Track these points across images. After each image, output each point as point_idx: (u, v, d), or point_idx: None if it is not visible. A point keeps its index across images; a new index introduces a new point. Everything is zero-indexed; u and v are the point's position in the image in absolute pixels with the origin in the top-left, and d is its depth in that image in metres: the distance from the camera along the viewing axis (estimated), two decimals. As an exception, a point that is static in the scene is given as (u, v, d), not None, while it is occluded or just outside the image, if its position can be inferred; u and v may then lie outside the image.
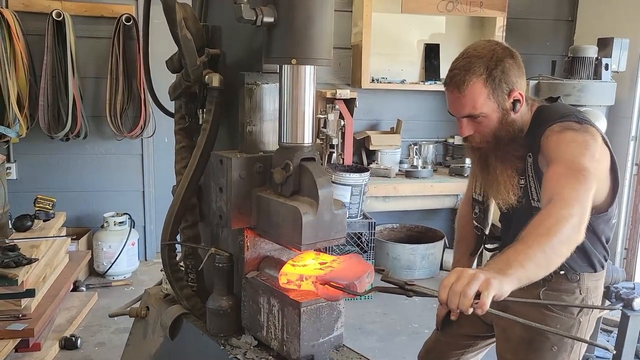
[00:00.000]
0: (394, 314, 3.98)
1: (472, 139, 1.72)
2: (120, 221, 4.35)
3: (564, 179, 1.49)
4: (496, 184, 1.73)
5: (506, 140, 1.69)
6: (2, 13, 4.02)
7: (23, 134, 4.13)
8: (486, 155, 1.74)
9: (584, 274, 1.76)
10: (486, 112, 1.65)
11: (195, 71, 1.52)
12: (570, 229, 1.38)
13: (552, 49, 5.19)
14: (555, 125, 1.62)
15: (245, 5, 1.32)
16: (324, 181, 1.38)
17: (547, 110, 1.73)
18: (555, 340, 1.76)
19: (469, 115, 1.67)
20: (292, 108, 1.42)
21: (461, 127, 1.70)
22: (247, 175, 1.48)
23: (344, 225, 1.44)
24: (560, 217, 1.39)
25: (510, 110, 1.67)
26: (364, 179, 4.13)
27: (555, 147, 1.58)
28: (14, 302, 3.09)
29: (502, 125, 1.68)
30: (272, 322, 1.48)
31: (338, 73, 4.90)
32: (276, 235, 1.45)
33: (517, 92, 1.67)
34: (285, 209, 1.39)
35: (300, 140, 1.43)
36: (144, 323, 1.90)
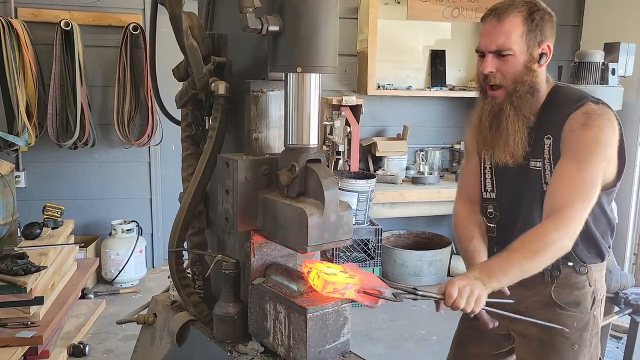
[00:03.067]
0: (401, 320, 3.97)
1: (491, 76, 1.70)
2: (128, 229, 4.37)
3: (572, 193, 1.61)
4: (505, 136, 1.71)
5: (523, 91, 1.69)
6: (11, 23, 4.07)
7: (32, 142, 4.16)
8: (499, 105, 1.72)
9: (591, 265, 1.78)
10: (515, 50, 1.66)
11: (202, 79, 1.53)
12: (556, 251, 1.60)
13: (558, 54, 5.10)
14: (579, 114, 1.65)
15: (250, 15, 1.33)
16: (330, 182, 1.38)
17: (563, 90, 1.75)
18: (575, 339, 1.76)
19: (498, 50, 1.67)
20: (298, 110, 1.43)
21: (486, 61, 1.70)
22: (253, 177, 1.48)
23: (350, 227, 1.44)
24: (550, 241, 1.58)
25: (537, 61, 1.69)
26: (370, 185, 4.13)
27: (577, 145, 1.64)
28: (23, 310, 3.11)
29: (525, 71, 1.68)
30: (278, 328, 1.49)
31: (344, 80, 4.92)
32: (282, 237, 1.46)
33: (547, 44, 1.69)
34: (291, 210, 1.40)
35: (306, 142, 1.44)
36: (151, 330, 1.91)
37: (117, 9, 4.38)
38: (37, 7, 4.28)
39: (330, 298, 1.44)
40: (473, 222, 1.92)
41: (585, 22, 5.28)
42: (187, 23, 1.44)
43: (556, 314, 1.76)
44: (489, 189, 1.90)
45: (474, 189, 1.94)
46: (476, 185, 1.93)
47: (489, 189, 1.90)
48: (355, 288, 1.45)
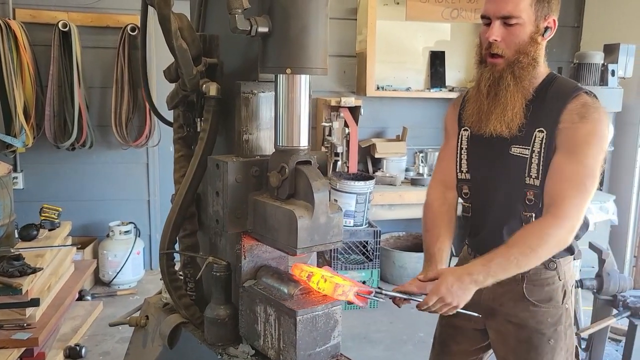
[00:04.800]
0: (401, 323, 3.96)
1: (495, 46, 1.68)
2: (126, 230, 4.37)
3: (570, 187, 1.62)
4: (503, 105, 1.69)
5: (525, 62, 1.68)
6: (9, 24, 4.07)
7: (29, 143, 4.16)
8: (499, 73, 1.70)
9: (560, 260, 1.79)
10: (523, 19, 1.65)
11: (192, 80, 1.52)
12: (554, 246, 1.63)
13: (558, 56, 5.17)
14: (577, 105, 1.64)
15: (239, 16, 1.32)
16: (320, 184, 1.37)
17: (558, 80, 1.74)
18: (550, 334, 1.79)
19: (505, 17, 1.65)
20: (288, 112, 1.41)
21: (492, 29, 1.68)
22: (243, 179, 1.47)
23: (340, 229, 1.43)
24: (549, 237, 1.61)
25: (542, 33, 1.68)
26: (368, 187, 4.12)
27: (575, 138, 1.64)
28: (19, 312, 3.10)
29: (530, 42, 1.67)
30: (269, 331, 1.48)
31: (343, 81, 4.91)
32: (272, 240, 1.45)
33: (552, 19, 1.69)
34: (281, 212, 1.39)
35: (296, 143, 1.43)
36: (143, 332, 1.90)
37: (115, 10, 4.38)
38: (35, 9, 4.29)
39: (320, 301, 1.43)
40: (444, 213, 1.91)
41: (585, 23, 5.26)
42: (177, 24, 1.43)
43: (529, 310, 1.79)
44: (464, 170, 1.89)
45: (450, 171, 1.92)
46: (451, 167, 1.92)
47: (465, 170, 1.89)
48: (354, 290, 1.48)
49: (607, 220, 4.26)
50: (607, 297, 2.99)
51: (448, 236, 1.91)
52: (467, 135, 1.87)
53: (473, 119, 1.79)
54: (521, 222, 1.77)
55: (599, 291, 2.99)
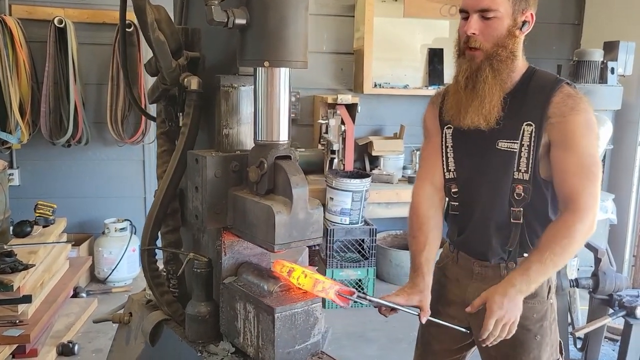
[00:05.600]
0: (396, 322, 3.93)
1: (473, 39, 1.68)
2: (121, 227, 4.36)
3: (580, 179, 1.65)
4: (481, 97, 1.69)
5: (504, 55, 1.68)
6: (5, 20, 4.06)
7: (25, 140, 4.15)
8: (477, 65, 1.69)
9: None
10: (501, 13, 1.65)
11: (171, 74, 1.50)
12: (583, 239, 1.66)
13: (558, 53, 5.13)
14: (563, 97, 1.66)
15: (216, 7, 1.30)
16: (299, 179, 1.35)
17: (538, 74, 1.74)
18: (536, 329, 1.80)
19: (483, 10, 1.65)
20: (267, 105, 1.39)
21: (469, 22, 1.67)
22: (222, 174, 1.45)
23: (320, 225, 1.40)
24: (577, 234, 1.63)
25: (519, 27, 1.68)
26: (364, 184, 4.09)
27: (570, 131, 1.65)
28: (11, 308, 3.10)
29: (507, 36, 1.67)
30: (248, 328, 1.45)
31: (340, 78, 4.89)
32: (251, 235, 1.42)
33: (530, 13, 1.69)
34: (259, 208, 1.36)
35: (275, 138, 1.40)
36: (127, 329, 1.88)
37: (111, 6, 4.35)
38: (31, 5, 4.28)
39: (299, 298, 1.41)
40: (431, 216, 1.88)
41: (586, 20, 5.22)
42: (153, 16, 1.41)
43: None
44: (451, 169, 1.86)
45: (435, 170, 1.89)
46: (437, 166, 1.88)
47: (452, 168, 1.86)
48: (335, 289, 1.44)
49: (606, 220, 4.22)
50: (602, 297, 2.96)
51: (435, 244, 1.88)
52: (450, 132, 1.85)
53: (452, 112, 1.78)
54: (509, 217, 1.76)
55: (594, 290, 2.97)
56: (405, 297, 1.79)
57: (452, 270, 1.95)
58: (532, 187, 1.72)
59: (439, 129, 1.89)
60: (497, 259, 1.80)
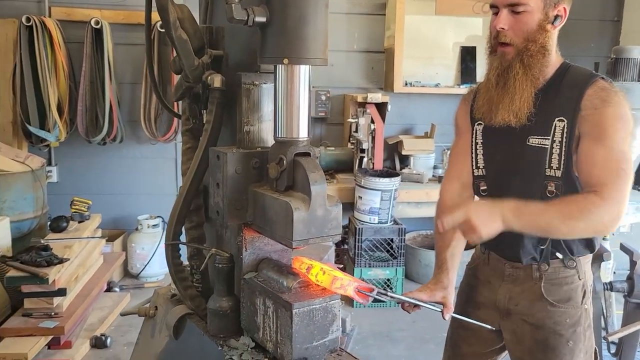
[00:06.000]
0: (424, 321, 3.90)
1: (502, 34, 1.65)
2: (154, 224, 4.44)
3: (609, 173, 1.57)
4: (512, 93, 1.65)
5: (534, 50, 1.64)
6: (44, 22, 4.19)
7: (62, 138, 4.27)
8: (508, 62, 1.66)
9: (580, 258, 1.74)
10: (531, 7, 1.61)
11: (193, 72, 1.53)
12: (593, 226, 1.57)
13: (597, 50, 4.99)
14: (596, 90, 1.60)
15: (236, 6, 1.32)
16: (317, 176, 1.35)
17: (572, 69, 1.69)
18: (569, 335, 1.74)
19: (513, 4, 1.62)
20: (287, 103, 1.40)
21: (499, 17, 1.64)
22: (243, 171, 1.47)
23: (338, 222, 1.41)
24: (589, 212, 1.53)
25: (551, 21, 1.64)
26: (394, 184, 4.07)
27: (601, 123, 1.59)
28: (46, 301, 3.20)
29: (538, 30, 1.63)
30: (267, 323, 1.47)
31: (371, 77, 4.88)
32: (270, 231, 1.44)
33: (563, 7, 1.65)
34: (278, 204, 1.38)
35: (295, 135, 1.41)
36: (152, 322, 1.92)
37: (146, 7, 4.44)
38: (69, 6, 4.39)
39: (318, 294, 1.42)
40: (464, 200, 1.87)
41: (625, 17, 5.07)
42: (175, 15, 1.44)
43: (547, 310, 1.74)
44: (480, 166, 1.83)
45: (465, 169, 1.86)
46: (466, 164, 1.85)
47: (481, 165, 1.83)
48: (354, 285, 1.45)
49: (644, 221, 4.09)
50: (638, 301, 2.88)
51: (461, 242, 1.88)
52: (481, 129, 1.82)
53: (484, 109, 1.75)
54: None
55: (629, 294, 2.88)
56: (428, 293, 1.78)
57: (482, 271, 1.91)
58: (565, 184, 1.66)
59: (470, 127, 1.86)
60: (528, 259, 1.76)
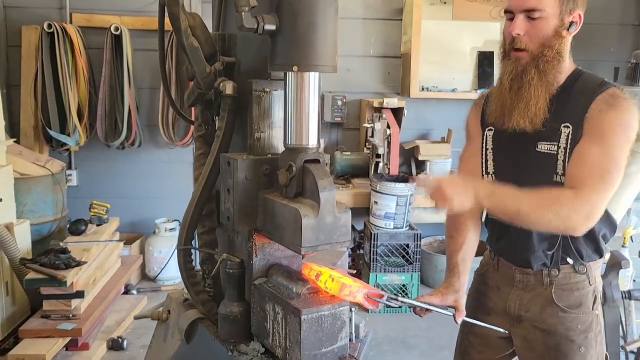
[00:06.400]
0: (439, 328, 3.87)
1: (518, 39, 1.65)
2: (171, 227, 4.48)
3: (593, 173, 1.56)
4: (527, 99, 1.65)
5: (550, 55, 1.64)
6: (65, 28, 4.27)
7: (82, 142, 4.34)
8: (523, 67, 1.66)
9: (590, 263, 1.74)
10: (547, 12, 1.61)
11: (205, 79, 1.54)
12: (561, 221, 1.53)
13: (617, 55, 4.93)
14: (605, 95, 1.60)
15: (246, 14, 1.33)
16: (326, 183, 1.36)
17: (584, 76, 1.69)
18: (581, 341, 1.73)
19: (530, 9, 1.62)
20: (297, 110, 1.41)
21: (515, 22, 1.64)
22: (253, 177, 1.48)
23: (347, 229, 1.41)
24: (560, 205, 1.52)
25: (566, 27, 1.64)
26: (409, 189, 4.06)
27: (600, 124, 1.59)
28: (64, 303, 3.25)
29: (554, 37, 1.63)
30: (276, 329, 1.47)
31: (387, 82, 4.87)
32: (280, 237, 1.45)
33: (578, 13, 1.65)
34: (287, 210, 1.39)
35: (304, 142, 1.42)
36: (165, 326, 1.94)
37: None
38: (90, 13, 4.47)
39: (327, 301, 1.42)
40: (467, 218, 1.86)
41: (647, 20, 5.00)
42: (187, 23, 1.46)
43: (558, 316, 1.73)
44: (490, 171, 1.83)
45: (473, 172, 1.86)
46: (476, 169, 1.85)
47: (491, 171, 1.83)
48: (363, 292, 1.45)
49: (664, 229, 4.02)
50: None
51: (472, 245, 1.87)
52: (491, 134, 1.82)
53: (497, 114, 1.75)
54: None
55: (648, 303, 2.84)
56: (440, 297, 1.78)
57: (492, 277, 1.91)
58: None
59: (480, 132, 1.86)
60: (539, 264, 1.75)
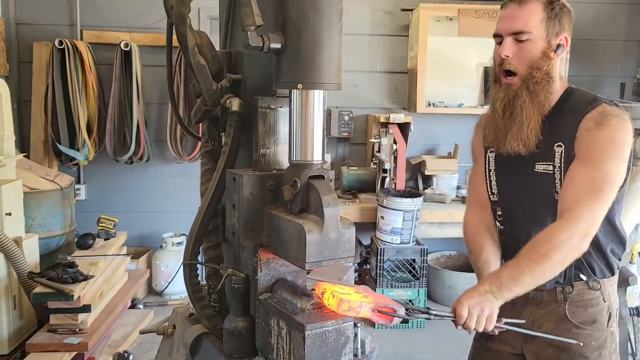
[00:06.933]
0: (446, 344, 3.85)
1: (507, 61, 1.67)
2: (178, 242, 4.50)
3: (584, 191, 1.58)
4: (519, 122, 1.67)
5: (539, 77, 1.67)
6: (76, 45, 4.33)
7: (91, 157, 4.39)
8: (514, 92, 1.68)
9: (603, 280, 1.74)
10: (535, 35, 1.64)
11: (211, 96, 1.57)
12: (567, 252, 1.55)
13: (623, 71, 4.94)
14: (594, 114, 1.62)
15: (252, 33, 1.35)
16: (330, 199, 1.37)
17: (576, 93, 1.72)
18: (595, 358, 1.73)
19: (517, 33, 1.64)
20: (301, 126, 1.43)
21: (503, 45, 1.67)
22: (258, 193, 1.49)
23: (351, 244, 1.42)
24: (559, 242, 1.54)
25: (554, 49, 1.67)
26: (416, 204, 4.06)
27: (591, 144, 1.61)
28: (71, 317, 3.25)
29: (542, 58, 1.66)
30: (281, 344, 1.48)
31: (394, 97, 4.90)
32: (284, 253, 1.46)
33: (564, 36, 1.69)
34: (292, 226, 1.40)
35: (309, 158, 1.44)
36: (170, 341, 1.95)
37: (174, 30, 4.56)
38: (100, 30, 4.54)
39: (331, 316, 1.42)
40: (482, 231, 1.88)
41: (653, 36, 5.01)
42: (194, 41, 1.48)
43: (572, 333, 1.73)
44: (494, 192, 1.86)
45: (482, 192, 1.90)
46: (484, 188, 1.89)
47: (495, 191, 1.86)
48: (369, 306, 1.45)
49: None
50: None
51: (491, 250, 1.87)
52: (493, 156, 1.86)
53: (491, 139, 1.78)
54: None
55: (657, 320, 2.82)
56: None
57: None
58: None
59: (483, 153, 1.90)
60: (552, 282, 1.74)
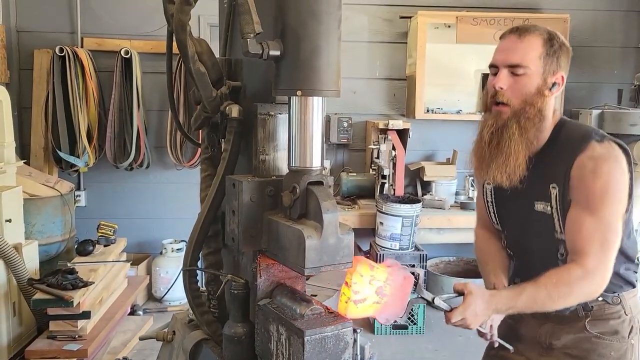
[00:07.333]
0: (446, 350, 3.85)
1: (501, 93, 1.65)
2: (178, 248, 4.51)
3: (592, 241, 1.59)
4: (506, 154, 1.65)
5: (531, 113, 1.65)
6: (76, 52, 4.35)
7: (91, 163, 4.40)
8: (504, 121, 1.66)
9: (623, 294, 1.73)
10: (531, 70, 1.63)
11: (211, 102, 1.58)
12: (583, 298, 1.64)
13: (620, 77, 4.96)
14: (584, 159, 1.61)
15: (251, 40, 1.37)
16: (330, 205, 1.38)
17: (567, 127, 1.72)
18: None
19: (513, 66, 1.63)
20: (300, 133, 1.44)
21: (499, 76, 1.65)
22: (258, 199, 1.50)
23: (350, 250, 1.43)
24: (577, 287, 1.59)
25: (549, 87, 1.66)
26: (415, 210, 4.07)
27: (588, 194, 1.61)
28: (71, 323, 3.26)
29: (536, 95, 1.64)
30: (280, 350, 1.48)
31: (393, 104, 4.92)
32: (283, 259, 1.47)
33: (561, 75, 1.68)
34: (291, 232, 1.40)
35: (308, 164, 1.45)
36: (170, 347, 1.95)
37: (174, 37, 4.58)
38: (101, 37, 4.56)
39: (330, 322, 1.43)
40: (490, 245, 1.91)
41: (650, 43, 5.04)
42: (194, 49, 1.50)
43: (591, 342, 1.71)
44: (496, 222, 1.88)
45: (486, 216, 1.92)
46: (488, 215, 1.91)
47: (496, 222, 1.88)
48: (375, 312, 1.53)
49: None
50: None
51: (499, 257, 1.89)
52: (490, 188, 1.85)
53: (474, 166, 1.78)
54: None
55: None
56: None
57: None
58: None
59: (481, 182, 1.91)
60: None
